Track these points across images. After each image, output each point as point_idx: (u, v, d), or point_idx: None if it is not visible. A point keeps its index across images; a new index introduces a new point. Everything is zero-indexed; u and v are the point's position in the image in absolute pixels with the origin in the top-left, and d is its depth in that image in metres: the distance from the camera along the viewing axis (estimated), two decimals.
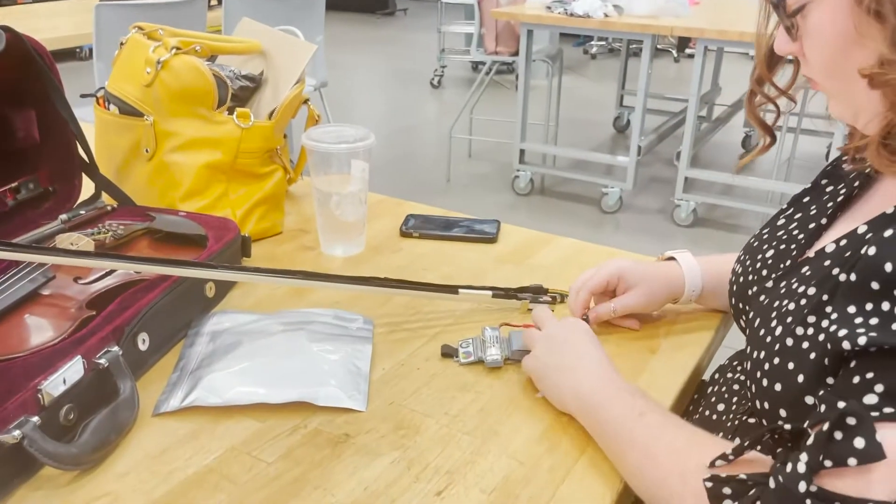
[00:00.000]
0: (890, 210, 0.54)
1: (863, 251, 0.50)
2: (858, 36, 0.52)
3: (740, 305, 0.70)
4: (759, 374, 0.58)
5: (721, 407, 0.69)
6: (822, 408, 0.49)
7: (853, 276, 0.51)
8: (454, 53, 5.74)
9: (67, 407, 0.61)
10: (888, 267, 0.48)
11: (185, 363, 0.72)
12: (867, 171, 0.63)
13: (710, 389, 0.74)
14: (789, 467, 0.47)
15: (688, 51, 6.66)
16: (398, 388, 0.71)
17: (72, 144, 0.92)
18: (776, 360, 0.56)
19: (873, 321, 0.48)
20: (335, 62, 6.42)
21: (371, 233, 1.03)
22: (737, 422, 0.65)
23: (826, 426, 0.46)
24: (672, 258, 0.83)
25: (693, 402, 0.76)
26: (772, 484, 0.47)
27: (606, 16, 3.17)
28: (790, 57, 0.62)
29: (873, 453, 0.44)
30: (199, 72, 0.94)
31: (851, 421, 0.46)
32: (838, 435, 0.46)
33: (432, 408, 0.68)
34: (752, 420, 0.63)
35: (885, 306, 0.48)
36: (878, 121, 0.54)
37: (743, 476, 0.50)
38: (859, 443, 0.45)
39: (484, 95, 4.15)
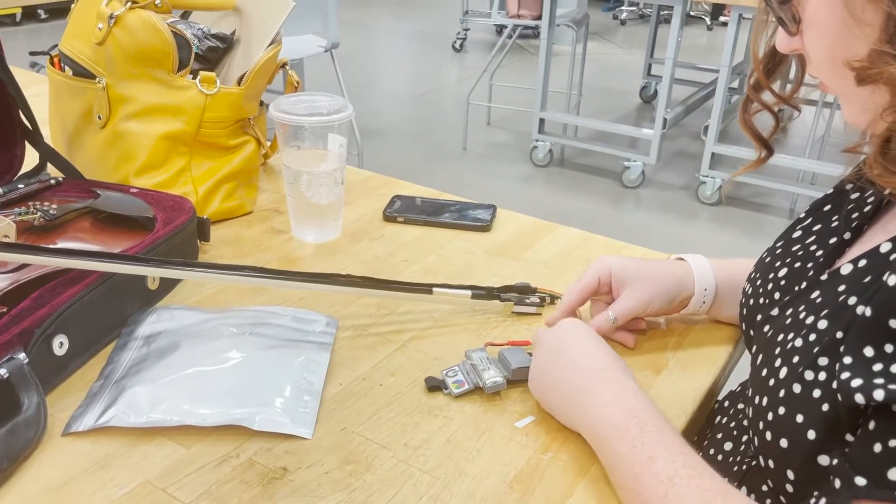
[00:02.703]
0: None
1: (884, 278, 0.41)
2: (856, 22, 0.45)
3: (750, 333, 0.60)
4: (761, 426, 0.48)
5: (728, 446, 0.58)
6: (836, 482, 0.40)
7: (869, 311, 0.41)
8: (477, 16, 5.54)
9: None
10: None
11: (111, 370, 0.62)
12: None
13: (717, 420, 0.63)
14: None
15: (722, 18, 6.41)
16: (354, 409, 0.60)
17: (12, 110, 0.82)
18: (781, 411, 0.46)
19: (894, 369, 0.39)
20: (355, 22, 6.26)
21: (351, 216, 0.93)
22: (744, 466, 0.54)
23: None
24: (681, 259, 0.72)
25: (699, 433, 0.66)
26: None
27: None
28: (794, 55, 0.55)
29: None
30: (157, 29, 0.83)
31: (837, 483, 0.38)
32: None
33: (390, 436, 0.57)
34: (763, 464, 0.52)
35: None
36: (880, 133, 0.46)
37: None
38: None
39: (506, 61, 3.99)
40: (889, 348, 0.40)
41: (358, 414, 0.60)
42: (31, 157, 0.85)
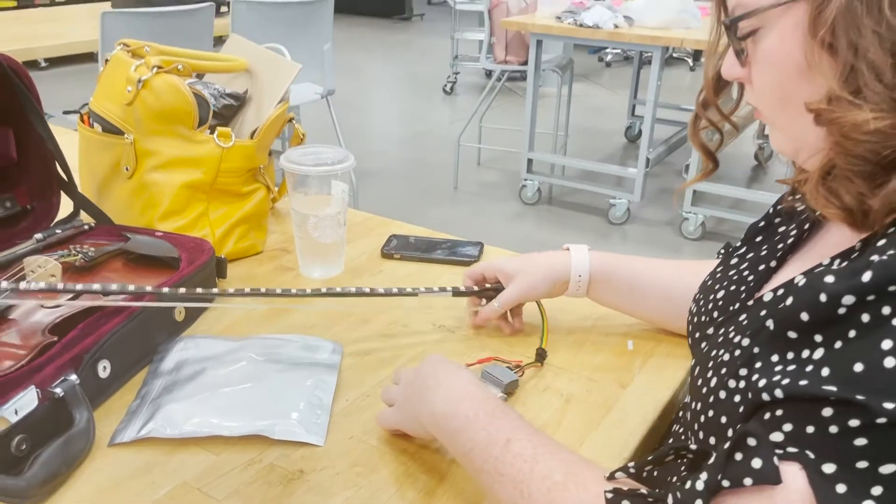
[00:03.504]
0: (826, 261, 0.52)
1: (786, 301, 0.49)
2: (808, 68, 0.50)
3: (693, 347, 0.69)
4: (696, 426, 0.57)
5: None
6: (729, 432, 0.48)
7: (771, 326, 0.50)
8: (467, 60, 5.73)
9: (19, 438, 0.60)
10: (804, 316, 0.46)
11: (146, 391, 0.72)
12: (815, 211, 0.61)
13: (672, 428, 0.72)
14: (688, 485, 0.45)
15: (703, 60, 6.61)
16: (360, 420, 0.70)
17: (50, 163, 0.92)
18: (710, 413, 0.55)
19: (790, 368, 0.47)
20: (350, 66, 6.43)
21: (352, 253, 1.03)
22: (688, 462, 0.63)
23: (727, 446, 0.45)
24: (567, 248, 0.85)
25: (660, 441, 0.75)
26: (669, 500, 0.46)
27: (616, 27, 3.14)
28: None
29: (769, 475, 0.43)
30: (180, 91, 0.93)
31: (752, 442, 0.45)
32: (738, 455, 0.45)
33: (391, 443, 0.67)
34: None
35: (804, 353, 0.46)
36: (819, 157, 0.52)
37: (643, 491, 0.48)
38: (756, 463, 0.44)
39: (495, 103, 4.14)
40: (790, 355, 0.47)
41: (363, 424, 0.69)
42: (65, 205, 0.95)
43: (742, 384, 0.52)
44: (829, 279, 0.45)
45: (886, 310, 0.43)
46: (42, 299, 0.75)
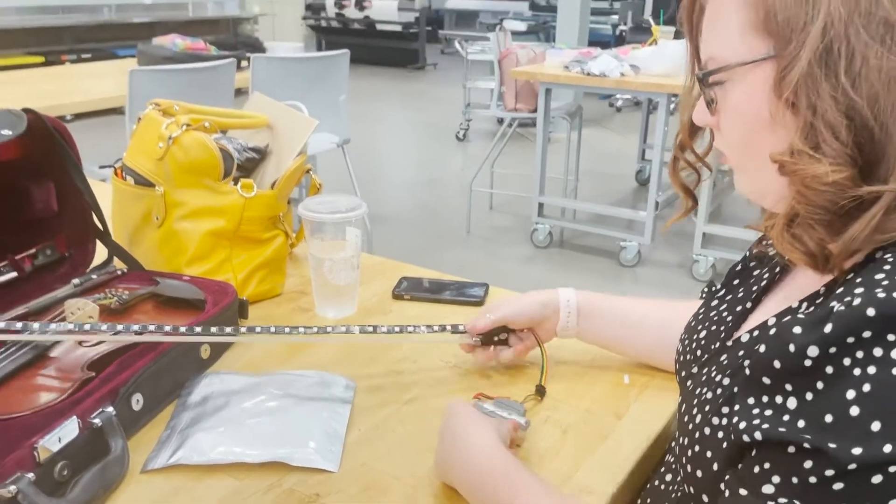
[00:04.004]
0: (795, 304, 0.57)
1: (756, 347, 0.53)
2: (772, 122, 0.55)
3: (681, 386, 0.74)
4: (684, 460, 0.61)
5: (668, 478, 0.71)
6: (727, 493, 0.52)
7: (748, 371, 0.53)
8: (479, 108, 5.86)
9: (62, 464, 0.66)
10: (776, 364, 0.50)
11: (175, 422, 0.78)
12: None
13: (665, 458, 0.77)
14: None
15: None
16: (371, 449, 0.75)
17: (87, 213, 1.00)
18: (696, 448, 0.59)
19: (767, 413, 0.50)
20: (366, 114, 6.60)
21: (365, 294, 1.09)
22: (677, 493, 0.68)
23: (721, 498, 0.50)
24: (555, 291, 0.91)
25: (655, 470, 0.79)
26: None
27: (623, 75, 3.24)
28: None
29: None
30: (207, 147, 1.01)
31: (743, 492, 0.50)
32: None
33: (401, 469, 0.72)
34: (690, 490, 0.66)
35: (778, 399, 0.50)
36: (784, 204, 0.56)
37: None
38: None
39: (507, 148, 4.24)
40: (764, 398, 0.51)
41: (374, 453, 0.74)
42: (100, 252, 1.02)
43: (724, 421, 0.57)
44: (797, 330, 0.49)
45: (847, 361, 0.47)
46: (80, 338, 0.82)
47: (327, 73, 3.12)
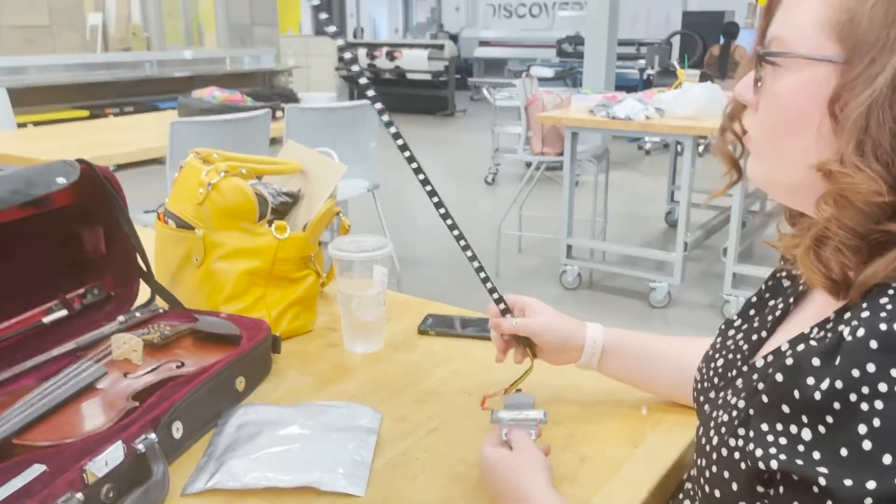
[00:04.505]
0: (806, 329, 0.60)
1: (771, 371, 0.55)
2: (808, 122, 0.55)
3: (699, 412, 0.77)
4: (702, 481, 0.63)
5: (686, 503, 0.74)
6: (734, 486, 0.55)
7: (765, 398, 0.56)
8: (507, 152, 5.95)
9: (108, 486, 0.71)
10: (796, 394, 0.52)
11: (212, 449, 0.82)
12: (801, 282, 0.70)
13: (685, 487, 0.79)
14: None
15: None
16: (396, 475, 0.79)
17: (132, 255, 1.06)
18: (714, 469, 0.61)
19: (782, 441, 0.53)
20: (396, 160, 6.71)
21: (392, 330, 1.13)
22: None
23: None
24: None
25: (672, 498, 0.81)
26: None
27: (648, 118, 3.29)
28: None
29: None
30: (244, 192, 1.08)
31: None
32: None
33: (425, 494, 0.75)
34: None
35: (793, 429, 0.52)
36: (814, 229, 0.57)
37: None
38: None
39: (535, 191, 4.29)
40: (779, 426, 0.53)
41: (399, 479, 0.78)
42: (143, 292, 1.09)
43: (741, 443, 0.59)
44: (816, 362, 0.51)
45: (853, 397, 0.49)
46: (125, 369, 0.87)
47: (358, 121, 3.23)
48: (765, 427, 0.55)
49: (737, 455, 0.59)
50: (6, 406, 0.80)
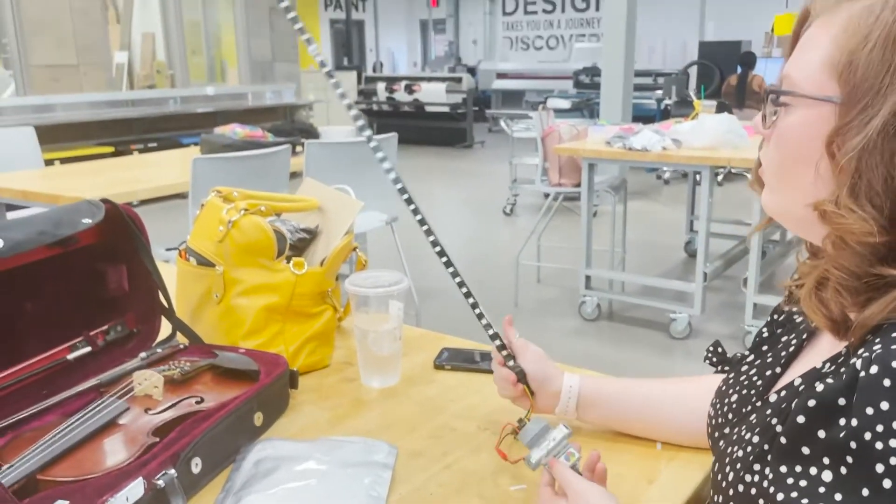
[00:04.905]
0: (819, 365, 0.61)
1: (794, 409, 0.55)
2: (811, 160, 0.57)
3: (713, 448, 0.77)
4: None
5: None
6: None
7: (783, 440, 0.56)
8: (525, 183, 5.98)
9: None
10: (821, 434, 0.53)
11: (230, 485, 0.83)
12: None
13: None
14: None
15: None
16: None
17: (154, 292, 1.09)
18: None
19: (802, 483, 0.53)
20: (415, 192, 6.75)
21: (408, 365, 1.14)
22: None
23: None
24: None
25: None
26: None
27: (665, 149, 3.30)
28: None
29: None
30: (263, 229, 1.11)
31: None
32: None
33: None
34: None
35: (813, 471, 0.53)
36: (815, 271, 0.59)
37: None
38: None
39: (554, 222, 4.30)
40: (798, 468, 0.54)
41: None
42: (164, 327, 1.11)
43: (756, 478, 0.59)
44: (842, 402, 0.52)
45: (868, 435, 0.49)
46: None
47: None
48: (783, 469, 0.55)
49: (753, 491, 0.59)
50: (32, 442, 0.81)
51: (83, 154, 6.21)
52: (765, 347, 0.78)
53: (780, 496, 0.54)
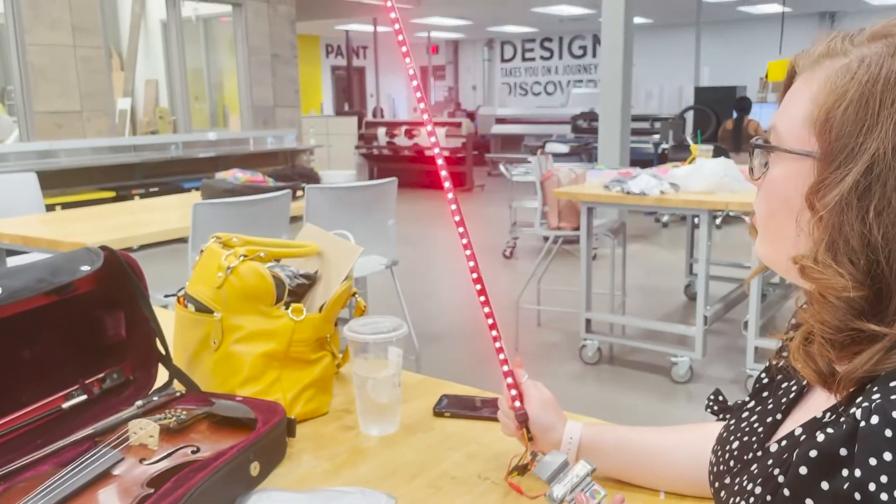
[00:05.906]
0: (819, 415, 0.60)
1: (795, 459, 0.54)
2: (794, 212, 0.58)
3: (715, 497, 0.75)
4: None
5: None
6: None
7: (787, 492, 0.55)
8: (525, 226, 6.00)
9: None
10: (825, 486, 0.52)
11: None
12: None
13: None
14: None
15: None
16: None
17: (152, 339, 1.08)
18: None
19: None
20: (414, 236, 6.80)
21: (407, 412, 1.13)
22: None
23: None
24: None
25: None
26: None
27: (663, 193, 3.32)
28: None
29: None
30: (261, 276, 1.10)
31: None
32: None
33: None
34: None
35: None
36: (804, 326, 0.60)
37: None
38: None
39: (553, 265, 4.31)
40: None
41: None
42: (161, 374, 1.10)
43: None
44: (843, 452, 0.51)
45: (872, 486, 0.49)
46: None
47: (376, 199, 3.29)
48: None
49: None
50: (26, 492, 0.80)
51: (85, 199, 6.25)
52: (765, 393, 0.77)
53: None
